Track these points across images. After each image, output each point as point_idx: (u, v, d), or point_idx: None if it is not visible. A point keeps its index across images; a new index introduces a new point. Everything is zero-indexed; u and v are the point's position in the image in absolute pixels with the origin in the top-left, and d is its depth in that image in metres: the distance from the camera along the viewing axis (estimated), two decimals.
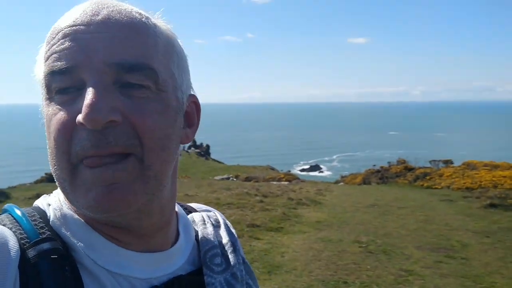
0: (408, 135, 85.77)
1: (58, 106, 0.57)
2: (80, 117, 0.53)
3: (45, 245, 0.58)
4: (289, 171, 30.71)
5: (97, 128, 0.53)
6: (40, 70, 0.61)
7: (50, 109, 0.58)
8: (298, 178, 19.74)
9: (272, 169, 27.82)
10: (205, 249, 0.74)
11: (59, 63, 0.56)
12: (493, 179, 13.23)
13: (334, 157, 56.20)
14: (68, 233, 0.61)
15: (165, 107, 0.60)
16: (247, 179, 18.80)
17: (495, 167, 15.55)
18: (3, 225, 0.60)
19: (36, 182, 20.41)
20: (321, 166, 46.38)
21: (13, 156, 51.05)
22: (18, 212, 0.63)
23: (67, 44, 0.56)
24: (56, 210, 0.63)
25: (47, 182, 19.82)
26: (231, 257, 0.75)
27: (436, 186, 14.45)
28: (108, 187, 0.55)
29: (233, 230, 0.83)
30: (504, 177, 13.15)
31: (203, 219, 0.80)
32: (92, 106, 0.53)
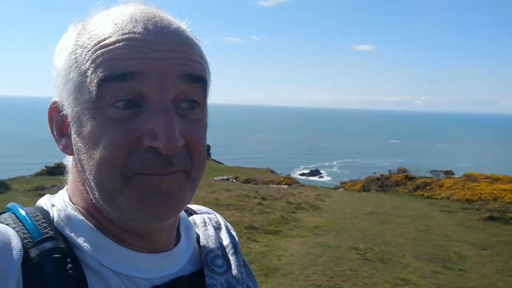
0: (409, 144, 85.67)
1: (115, 121, 0.56)
2: (154, 143, 0.55)
3: (48, 244, 0.58)
4: (289, 174, 30.68)
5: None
6: (75, 69, 0.58)
7: (101, 121, 0.56)
8: (297, 182, 19.71)
9: (272, 172, 27.78)
10: (206, 251, 0.74)
11: (121, 68, 0.54)
12: (494, 192, 13.21)
13: (335, 163, 56.13)
14: (73, 233, 0.61)
15: (205, 126, 0.63)
16: (247, 181, 18.78)
17: (496, 180, 15.52)
18: (7, 224, 0.60)
19: (36, 174, 20.41)
20: (321, 171, 46.32)
21: (13, 148, 51.08)
22: (21, 211, 0.63)
23: (128, 50, 0.55)
24: (60, 211, 0.64)
25: (47, 175, 19.82)
26: (232, 259, 0.75)
27: (436, 197, 14.43)
28: (165, 194, 0.58)
29: (234, 233, 0.83)
30: (505, 190, 13.14)
31: (204, 221, 0.80)
32: (170, 135, 0.54)
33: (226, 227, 0.83)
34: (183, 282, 0.67)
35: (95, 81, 0.55)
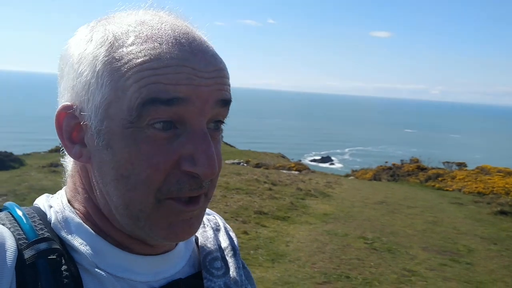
0: (423, 134, 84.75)
1: (155, 143, 0.56)
2: (193, 169, 0.56)
3: (43, 245, 0.58)
4: (300, 160, 30.65)
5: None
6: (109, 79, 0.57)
7: (139, 141, 0.55)
8: (308, 169, 19.69)
9: (283, 157, 27.77)
10: (205, 253, 0.73)
11: (169, 93, 0.54)
12: (506, 185, 13.06)
13: (346, 150, 55.81)
14: (69, 235, 0.61)
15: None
16: (258, 165, 18.81)
17: (509, 173, 15.32)
18: (2, 224, 0.60)
19: (51, 151, 20.68)
20: (333, 158, 46.13)
21: (28, 124, 51.75)
22: (18, 211, 0.63)
23: (176, 76, 0.55)
24: (58, 212, 0.63)
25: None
26: (231, 261, 0.75)
27: (448, 188, 14.32)
28: (188, 221, 0.61)
29: (233, 235, 0.82)
30: None
31: (203, 223, 0.79)
32: (211, 162, 0.56)
33: (225, 229, 0.82)
34: (181, 284, 0.67)
35: (138, 101, 0.54)
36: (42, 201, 0.67)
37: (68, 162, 0.68)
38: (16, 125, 50.39)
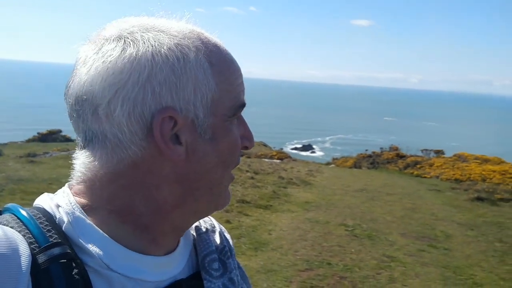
0: (402, 122, 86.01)
1: (235, 130, 0.69)
2: (248, 144, 0.72)
3: (56, 250, 0.58)
4: (282, 148, 30.80)
5: None
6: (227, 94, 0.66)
7: (233, 131, 0.68)
8: (290, 157, 19.81)
9: (265, 145, 27.86)
10: (203, 254, 0.75)
11: (244, 99, 0.70)
12: (483, 172, 13.40)
13: (327, 138, 56.31)
14: (81, 238, 0.61)
15: None
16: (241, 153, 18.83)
17: (486, 161, 15.71)
18: (11, 227, 0.60)
19: (28, 141, 20.29)
20: (314, 146, 46.48)
21: (4, 113, 50.55)
22: (23, 213, 0.62)
23: (244, 85, 0.71)
24: (68, 213, 0.63)
25: (38, 142, 19.74)
26: (228, 262, 0.77)
27: (426, 175, 14.62)
28: None
29: (228, 236, 0.85)
30: (494, 171, 13.32)
31: (200, 224, 0.81)
32: (253, 137, 0.74)
33: (221, 230, 0.84)
34: (183, 285, 0.69)
35: (237, 103, 0.68)
36: (46, 202, 0.66)
37: (90, 164, 0.64)
38: None
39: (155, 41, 0.61)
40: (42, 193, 0.67)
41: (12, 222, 0.61)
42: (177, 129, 0.62)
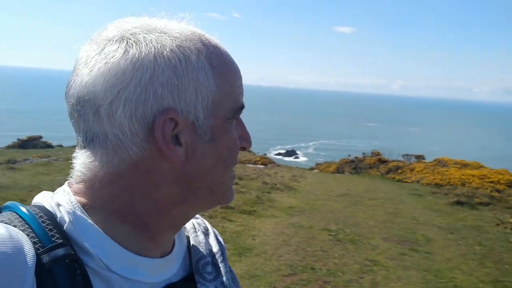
0: (384, 127, 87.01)
1: (234, 131, 0.70)
2: (246, 145, 0.74)
3: (60, 251, 0.59)
4: (265, 154, 30.86)
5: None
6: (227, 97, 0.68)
7: (232, 132, 0.69)
8: (273, 162, 19.86)
9: (249, 151, 27.90)
10: (197, 257, 0.76)
11: (243, 101, 0.71)
12: (462, 177, 13.64)
13: (311, 144, 56.64)
14: (82, 238, 0.62)
15: None
16: None
17: (465, 165, 16.01)
18: (14, 226, 0.59)
19: (8, 147, 19.90)
20: (297, 152, 46.70)
21: None
22: (24, 211, 0.62)
23: (243, 87, 0.73)
24: (70, 213, 0.63)
25: (18, 148, 19.37)
26: (221, 266, 0.78)
27: (407, 180, 14.81)
28: None
29: (221, 239, 0.86)
30: (473, 176, 13.56)
31: (194, 227, 0.82)
32: (250, 138, 0.75)
33: (214, 233, 0.85)
34: (177, 287, 0.70)
35: (237, 106, 0.69)
36: (47, 200, 0.66)
37: (90, 164, 0.64)
38: None
39: (157, 43, 0.62)
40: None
41: (15, 221, 0.60)
42: (177, 130, 0.63)
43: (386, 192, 11.75)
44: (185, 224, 0.75)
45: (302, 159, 42.57)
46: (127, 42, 0.62)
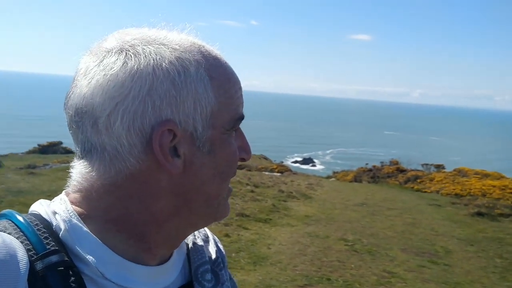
0: (403, 136, 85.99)
1: (233, 142, 0.70)
2: (245, 156, 0.73)
3: (54, 258, 0.59)
4: (282, 162, 30.77)
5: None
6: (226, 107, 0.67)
7: (231, 143, 0.69)
8: (290, 170, 19.77)
9: (266, 158, 27.86)
10: (196, 264, 0.75)
11: (243, 112, 0.71)
12: (483, 187, 13.35)
13: (328, 152, 56.30)
14: (77, 245, 0.61)
15: None
16: (240, 167, 18.82)
17: (486, 175, 15.67)
18: (8, 233, 0.60)
19: (28, 152, 20.30)
20: (314, 160, 46.45)
21: (4, 124, 50.65)
22: (20, 219, 0.63)
23: (243, 98, 0.72)
24: (65, 221, 0.63)
25: (39, 154, 19.75)
26: (220, 274, 0.78)
27: (426, 190, 14.56)
28: None
29: (221, 246, 0.85)
30: (494, 186, 13.26)
31: (194, 234, 0.81)
32: (250, 149, 0.74)
33: (214, 240, 0.84)
34: None
35: (236, 116, 0.68)
36: (43, 208, 0.66)
37: (87, 174, 0.64)
38: None
39: (156, 55, 0.62)
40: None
41: (9, 228, 0.61)
42: (176, 142, 0.62)
43: (405, 202, 11.57)
44: (181, 240, 0.73)
45: (319, 167, 42.33)
46: (126, 54, 0.62)
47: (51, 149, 20.73)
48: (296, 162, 43.03)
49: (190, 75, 0.63)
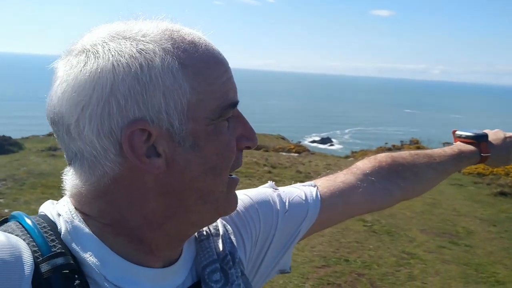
0: (424, 114, 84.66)
1: (226, 132, 0.65)
2: (250, 143, 0.69)
3: (59, 260, 0.58)
4: (300, 142, 30.66)
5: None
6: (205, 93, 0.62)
7: (221, 135, 0.64)
8: (308, 150, 19.67)
9: (283, 138, 27.75)
10: (203, 264, 0.73)
11: (236, 97, 0.66)
12: (506, 166, 13.06)
13: (347, 131, 55.78)
14: (79, 247, 0.61)
15: None
16: (257, 148, 18.81)
17: None
18: (16, 235, 0.60)
19: (49, 134, 20.63)
20: (333, 139, 46.12)
21: (26, 107, 51.57)
22: (28, 221, 0.62)
23: (233, 82, 0.67)
24: (67, 222, 0.62)
25: None
26: (230, 273, 0.74)
27: None
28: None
29: (234, 238, 0.80)
30: None
31: (203, 229, 0.78)
32: (255, 134, 0.70)
33: (225, 232, 0.80)
34: None
35: (225, 104, 0.63)
36: (49, 209, 0.66)
37: (73, 181, 0.64)
38: (14, 108, 50.25)
39: (115, 51, 0.58)
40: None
41: (17, 230, 0.60)
42: (152, 141, 0.59)
43: (426, 192, 11.40)
44: (185, 240, 0.71)
45: (337, 146, 42.06)
46: (86, 54, 0.59)
47: None
48: (314, 142, 42.80)
49: (155, 67, 0.58)
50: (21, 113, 46.78)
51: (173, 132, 0.60)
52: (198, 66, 0.61)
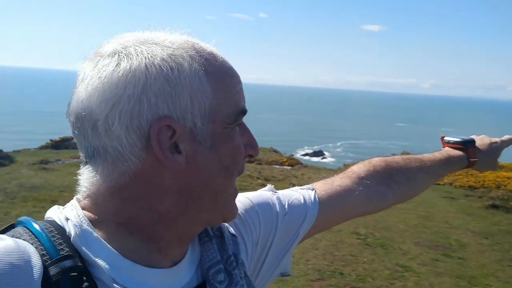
0: (415, 127, 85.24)
1: (237, 137, 0.70)
2: (253, 152, 0.73)
3: (67, 263, 0.59)
4: (292, 155, 30.70)
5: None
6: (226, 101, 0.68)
7: (234, 139, 0.69)
8: (301, 163, 19.71)
9: (275, 151, 27.78)
10: (208, 265, 0.74)
11: (245, 106, 0.71)
12: (497, 179, 13.16)
13: (339, 144, 55.95)
14: (89, 250, 0.62)
15: None
16: (250, 160, 18.80)
17: (500, 167, 15.46)
18: (23, 240, 0.61)
19: (41, 148, 20.50)
20: (325, 152, 46.22)
21: (18, 120, 51.23)
22: (36, 226, 0.63)
23: (243, 93, 0.72)
24: (76, 226, 0.64)
25: (51, 149, 19.93)
26: (234, 273, 0.76)
27: (439, 182, 14.41)
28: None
29: (236, 240, 0.83)
30: (508, 178, 13.06)
31: (206, 230, 0.79)
32: (257, 145, 0.75)
33: (229, 235, 0.82)
34: None
35: (238, 110, 0.69)
36: (56, 214, 0.67)
37: (92, 179, 0.66)
38: (6, 121, 49.86)
39: (148, 53, 0.63)
40: (54, 200, 0.71)
41: (24, 235, 0.62)
42: (175, 138, 0.63)
43: (418, 195, 11.45)
44: (192, 238, 0.74)
45: (329, 159, 42.13)
46: (118, 55, 0.63)
47: (64, 144, 20.88)
48: (306, 155, 42.84)
49: (184, 70, 0.63)
50: (12, 126, 46.40)
51: (195, 132, 0.64)
52: (218, 74, 0.67)
